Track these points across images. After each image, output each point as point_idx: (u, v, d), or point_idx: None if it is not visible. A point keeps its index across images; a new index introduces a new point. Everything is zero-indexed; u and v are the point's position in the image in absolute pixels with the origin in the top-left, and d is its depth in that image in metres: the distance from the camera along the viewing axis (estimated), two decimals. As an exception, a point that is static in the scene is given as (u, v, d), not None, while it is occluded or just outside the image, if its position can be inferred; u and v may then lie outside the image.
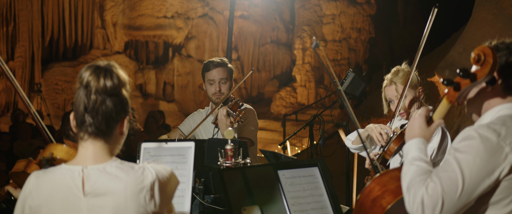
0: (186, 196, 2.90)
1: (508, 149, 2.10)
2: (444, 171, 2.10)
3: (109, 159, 2.20)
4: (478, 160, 2.08)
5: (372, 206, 2.29)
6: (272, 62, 19.84)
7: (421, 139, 2.29)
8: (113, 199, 2.11)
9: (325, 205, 2.97)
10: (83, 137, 2.20)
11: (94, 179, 2.13)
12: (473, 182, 2.07)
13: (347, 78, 5.25)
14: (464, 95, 2.25)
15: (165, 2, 17.86)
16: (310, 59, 17.47)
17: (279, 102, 17.70)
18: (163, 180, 2.20)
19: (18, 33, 16.97)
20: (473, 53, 2.18)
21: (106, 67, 2.18)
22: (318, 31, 17.63)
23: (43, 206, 2.13)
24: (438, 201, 2.04)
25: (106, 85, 2.15)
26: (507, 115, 2.23)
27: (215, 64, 4.34)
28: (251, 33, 19.50)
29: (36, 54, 17.14)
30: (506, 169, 2.10)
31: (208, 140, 3.46)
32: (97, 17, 18.00)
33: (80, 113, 2.17)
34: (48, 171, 2.20)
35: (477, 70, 2.17)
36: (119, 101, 2.20)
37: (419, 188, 2.09)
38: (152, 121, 10.14)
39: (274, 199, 2.85)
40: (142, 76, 18.36)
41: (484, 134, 2.12)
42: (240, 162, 3.04)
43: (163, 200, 2.19)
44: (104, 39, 18.27)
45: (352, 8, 17.11)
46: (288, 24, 19.98)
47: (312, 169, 3.04)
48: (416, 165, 2.20)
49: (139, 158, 3.03)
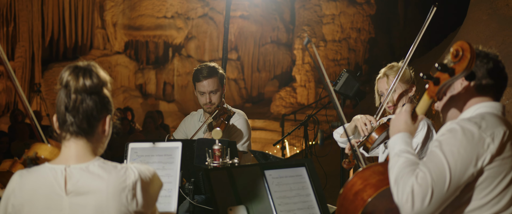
0: (173, 196, 2.91)
1: (489, 140, 2.18)
2: (431, 162, 2.16)
3: (92, 158, 2.22)
4: (462, 151, 2.15)
5: (354, 200, 2.34)
6: (272, 62, 19.85)
7: (406, 133, 2.35)
8: (95, 198, 2.12)
9: (312, 205, 2.97)
10: (65, 136, 2.21)
11: (76, 178, 2.15)
12: (459, 172, 2.14)
13: (341, 78, 5.27)
14: (444, 90, 2.32)
15: (165, 2, 17.88)
16: (310, 60, 17.47)
17: (279, 102, 17.71)
18: (146, 180, 2.21)
19: (18, 33, 17.00)
20: (452, 49, 2.24)
21: (86, 67, 2.20)
22: (318, 31, 17.63)
23: (26, 205, 2.15)
24: (428, 190, 2.09)
25: (85, 84, 2.16)
26: (485, 112, 2.31)
27: (205, 75, 4.23)
28: (251, 33, 19.51)
29: (36, 54, 17.17)
30: (487, 158, 2.18)
31: (197, 140, 3.47)
32: (97, 17, 18.02)
33: (61, 113, 2.19)
34: (32, 170, 2.22)
35: (455, 65, 2.23)
36: (99, 100, 2.22)
37: (409, 178, 2.14)
38: (150, 121, 10.19)
39: (260, 199, 2.85)
40: (142, 77, 18.39)
41: (466, 126, 2.19)
42: (227, 162, 3.05)
43: (146, 200, 2.19)
44: (104, 39, 18.30)
45: (352, 8, 17.11)
46: (288, 24, 19.99)
47: (299, 169, 3.04)
48: (404, 157, 2.25)
49: (126, 158, 3.04)
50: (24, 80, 17.10)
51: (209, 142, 3.18)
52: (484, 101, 2.35)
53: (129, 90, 17.98)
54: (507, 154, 2.21)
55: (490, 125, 2.22)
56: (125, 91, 17.89)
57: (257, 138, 15.44)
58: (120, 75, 18.12)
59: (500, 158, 2.19)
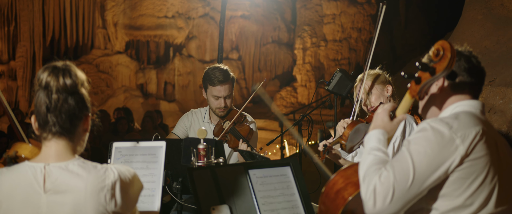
0: (157, 195, 2.91)
1: (458, 141, 2.17)
2: (397, 161, 2.17)
3: (72, 158, 2.23)
4: (429, 151, 2.16)
5: (335, 198, 2.36)
6: (273, 62, 19.84)
7: (381, 130, 2.37)
8: (73, 196, 2.13)
9: (296, 205, 2.97)
10: (47, 137, 2.23)
11: (55, 176, 2.16)
12: (424, 172, 2.15)
13: (334, 78, 5.27)
14: (425, 89, 2.32)
15: (166, 2, 17.89)
16: (310, 59, 17.48)
17: (279, 102, 17.71)
18: (125, 181, 2.21)
19: (19, 33, 17.04)
20: (433, 48, 2.25)
21: (64, 67, 2.21)
22: (318, 31, 17.63)
23: (3, 202, 2.16)
24: (389, 189, 2.11)
25: (66, 83, 2.17)
26: (462, 111, 2.31)
27: (221, 80, 4.21)
28: (252, 33, 19.50)
29: (37, 54, 17.21)
30: (456, 160, 2.17)
31: (184, 140, 3.47)
32: (98, 17, 18.05)
33: (42, 114, 2.20)
34: (11, 168, 2.23)
35: (436, 64, 2.25)
36: (80, 99, 2.23)
37: (373, 177, 2.16)
38: (149, 120, 10.22)
39: (244, 199, 2.85)
40: (143, 76, 18.40)
41: (435, 126, 2.20)
42: (212, 162, 3.05)
43: (125, 201, 2.20)
44: (105, 39, 18.32)
45: (352, 8, 17.10)
46: (289, 24, 19.98)
47: (284, 168, 3.04)
48: (373, 155, 2.27)
49: (110, 157, 3.05)
50: (25, 80, 17.14)
51: (196, 141, 3.18)
52: (462, 100, 2.35)
53: (130, 90, 18.00)
54: (478, 155, 2.20)
55: (462, 125, 2.21)
56: (126, 91, 17.91)
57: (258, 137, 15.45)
58: (121, 75, 18.13)
59: (470, 159, 2.19)
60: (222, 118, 4.29)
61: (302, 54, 17.61)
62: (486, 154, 2.21)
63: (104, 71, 18.11)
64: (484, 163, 2.21)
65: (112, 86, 18.09)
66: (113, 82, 18.12)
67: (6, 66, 16.96)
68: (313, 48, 17.53)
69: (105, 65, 18.12)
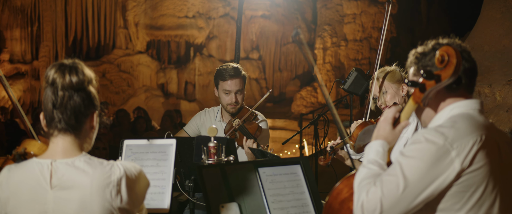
0: (166, 192, 2.93)
1: (454, 154, 2.08)
2: (388, 175, 2.10)
3: (79, 154, 2.25)
4: (421, 165, 2.07)
5: (340, 209, 2.30)
6: (294, 62, 19.80)
7: (382, 141, 2.29)
8: (79, 192, 2.15)
9: (306, 203, 2.96)
10: (53, 133, 2.25)
11: (61, 172, 2.18)
12: (416, 187, 2.06)
13: (350, 77, 5.26)
14: (430, 96, 2.22)
15: (187, 2, 17.96)
16: (331, 59, 17.41)
17: (299, 102, 17.66)
18: (131, 177, 2.23)
19: (42, 33, 17.24)
20: (437, 53, 2.17)
21: (71, 64, 2.23)
22: (339, 30, 17.55)
23: (11, 197, 2.19)
24: (376, 205, 2.05)
25: (72, 81, 2.19)
26: (459, 114, 2.21)
27: (232, 74, 4.26)
28: (272, 33, 19.49)
29: (59, 54, 17.39)
30: (451, 175, 2.07)
31: (196, 138, 3.48)
32: (120, 17, 18.18)
33: (48, 111, 2.22)
34: (20, 164, 2.26)
35: (441, 71, 2.16)
36: (86, 96, 2.25)
37: (362, 192, 2.10)
38: (167, 119, 10.32)
39: (253, 197, 2.85)
40: (163, 76, 18.49)
41: (430, 138, 2.10)
42: (222, 160, 3.05)
43: (131, 197, 2.21)
44: (126, 39, 18.45)
45: (373, 8, 16.99)
46: (310, 24, 19.92)
47: (294, 166, 3.04)
48: (368, 168, 2.20)
49: (121, 154, 3.07)
50: (48, 80, 17.31)
51: (208, 139, 3.19)
52: (457, 101, 2.25)
53: (150, 90, 18.10)
54: (477, 166, 2.10)
55: (459, 134, 2.11)
56: (147, 91, 18.02)
57: (277, 137, 15.41)
58: (142, 74, 18.25)
59: (468, 172, 2.09)
60: (233, 115, 4.29)
61: (323, 54, 17.55)
62: (486, 163, 2.11)
63: (126, 71, 18.24)
64: (483, 173, 2.11)
65: (133, 86, 18.21)
66: (134, 82, 18.24)
67: (29, 66, 17.17)
68: (334, 48, 17.46)
69: (126, 65, 18.25)
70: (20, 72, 17.01)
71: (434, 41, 2.32)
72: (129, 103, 17.23)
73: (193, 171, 3.49)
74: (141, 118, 9.83)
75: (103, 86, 17.81)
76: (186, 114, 15.47)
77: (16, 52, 16.85)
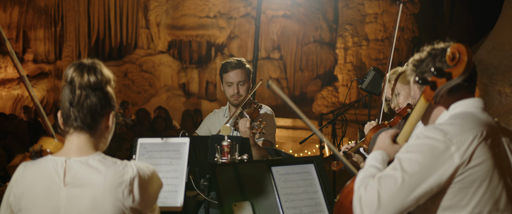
0: (180, 191, 2.95)
1: (454, 148, 2.09)
2: (386, 170, 2.14)
3: (93, 153, 2.28)
4: (420, 158, 2.08)
5: (350, 207, 2.30)
6: (315, 62, 19.72)
7: (381, 151, 2.33)
8: (91, 191, 2.18)
9: (319, 202, 2.96)
10: (69, 131, 2.29)
11: (75, 170, 2.21)
12: (414, 180, 2.07)
13: (367, 76, 5.23)
14: (441, 94, 2.22)
15: (208, 2, 18.01)
16: (352, 59, 17.31)
17: (320, 101, 17.60)
18: (144, 178, 2.25)
19: (65, 33, 17.43)
20: (448, 51, 2.17)
21: (90, 64, 2.26)
22: (360, 30, 17.44)
23: (25, 194, 2.23)
24: (373, 197, 2.07)
25: (90, 80, 2.23)
26: (460, 113, 2.22)
27: (233, 66, 4.33)
28: (293, 32, 19.45)
29: (82, 53, 17.56)
30: (450, 169, 2.08)
31: (211, 137, 3.50)
32: (142, 17, 18.30)
33: (65, 109, 2.26)
34: (35, 161, 2.30)
35: (452, 69, 2.16)
36: (103, 96, 2.28)
37: (360, 187, 2.14)
38: (188, 118, 10.44)
39: (266, 195, 2.86)
40: (185, 76, 18.57)
41: (429, 135, 2.13)
42: (236, 158, 3.06)
43: (143, 198, 2.23)
44: (148, 39, 18.56)
45: (395, 7, 16.80)
46: (331, 24, 19.85)
47: (308, 166, 3.04)
48: (366, 170, 2.24)
49: (135, 153, 3.10)
50: (71, 79, 17.47)
51: (221, 138, 3.21)
52: (459, 100, 2.26)
53: (172, 90, 18.19)
54: (479, 161, 2.11)
55: (458, 130, 2.12)
56: (168, 90, 18.11)
57: (298, 137, 15.38)
58: (164, 74, 18.34)
59: (470, 167, 2.10)
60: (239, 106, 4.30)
61: (344, 54, 17.46)
62: (489, 158, 2.12)
63: (147, 71, 18.35)
64: (487, 168, 2.11)
65: (155, 86, 18.32)
66: (156, 82, 18.35)
67: (53, 65, 17.37)
68: (355, 47, 17.36)
69: (148, 64, 18.36)
70: (44, 72, 17.21)
71: (430, 46, 2.35)
72: (151, 103, 17.34)
73: (208, 170, 3.51)
74: (160, 117, 9.91)
75: (125, 86, 17.95)
76: (207, 113, 15.40)
77: (40, 52, 17.06)
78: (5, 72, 15.54)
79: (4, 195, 2.33)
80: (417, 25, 17.26)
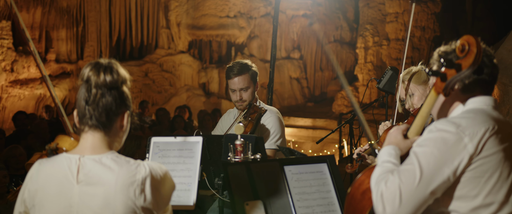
0: (192, 189, 2.97)
1: (467, 139, 2.12)
2: (404, 165, 2.16)
3: (107, 151, 2.30)
4: (435, 151, 2.11)
5: (361, 199, 2.33)
6: (335, 62, 19.64)
7: (393, 146, 2.34)
8: (103, 189, 2.20)
9: (332, 202, 2.96)
10: (84, 129, 2.32)
11: (88, 168, 2.24)
12: (431, 172, 2.10)
13: (385, 76, 5.21)
14: (452, 86, 2.24)
15: (228, 2, 18.05)
16: (372, 58, 17.21)
17: (340, 101, 17.53)
18: (156, 178, 2.26)
19: (87, 33, 17.59)
20: (458, 42, 2.19)
21: (107, 63, 2.30)
22: (381, 30, 17.34)
23: (39, 190, 2.26)
24: (395, 192, 2.09)
25: (105, 79, 2.26)
26: (472, 109, 2.25)
27: (235, 72, 4.28)
28: (314, 32, 19.41)
29: (104, 53, 17.70)
30: (465, 158, 2.12)
31: (225, 136, 3.51)
32: (162, 17, 18.40)
33: (81, 107, 2.30)
34: (50, 158, 2.34)
35: (461, 60, 2.17)
36: (119, 96, 2.31)
37: (380, 183, 2.15)
38: (209, 118, 10.51)
39: (278, 195, 2.86)
40: (205, 75, 18.63)
41: (442, 127, 2.16)
42: (249, 157, 3.07)
43: (155, 198, 2.25)
44: (168, 39, 18.66)
45: (416, 6, 16.65)
46: (352, 23, 19.77)
47: (321, 165, 3.04)
48: (382, 166, 2.25)
49: (148, 151, 3.12)
50: (93, 79, 17.63)
51: (235, 137, 3.22)
52: (472, 97, 2.29)
53: (192, 89, 18.27)
54: (490, 152, 2.14)
55: (470, 123, 2.16)
56: (189, 90, 18.19)
57: (317, 137, 15.33)
58: (184, 74, 18.43)
59: (481, 157, 2.13)
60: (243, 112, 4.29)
61: (364, 54, 17.38)
62: (500, 150, 2.15)
63: (168, 71, 18.45)
64: (497, 159, 2.15)
65: (175, 86, 18.41)
66: (176, 81, 18.43)
67: (74, 65, 17.54)
68: (375, 47, 17.26)
69: (168, 64, 18.46)
70: (66, 72, 17.39)
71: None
72: (171, 102, 17.43)
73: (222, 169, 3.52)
74: (180, 117, 9.97)
75: (145, 86, 18.07)
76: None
77: (62, 52, 17.24)
78: (28, 72, 15.74)
79: (20, 192, 2.37)
80: (438, 24, 17.11)
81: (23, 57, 15.60)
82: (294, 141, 16.18)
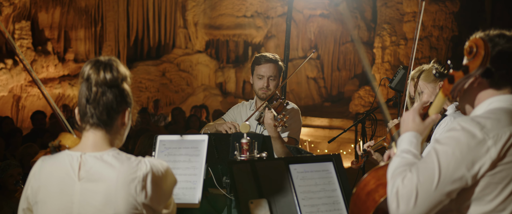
0: (198, 188, 2.97)
1: (490, 143, 2.03)
2: (423, 163, 2.07)
3: (108, 148, 2.31)
4: (457, 152, 2.03)
5: (366, 200, 2.29)
6: (353, 61, 19.60)
7: (413, 132, 2.24)
8: (105, 186, 2.22)
9: (338, 201, 2.94)
10: (85, 127, 2.33)
11: (90, 165, 2.25)
12: (450, 174, 2.03)
13: (397, 75, 5.18)
14: (459, 88, 2.20)
15: (245, 2, 18.08)
16: (389, 58, 17.11)
17: (357, 101, 17.46)
18: (157, 174, 2.27)
19: (105, 33, 17.74)
20: (466, 44, 2.15)
21: (107, 61, 2.30)
22: (398, 29, 17.23)
23: (42, 187, 2.28)
24: (412, 192, 2.02)
25: (106, 77, 2.26)
26: (497, 108, 2.16)
27: (267, 59, 4.36)
28: (331, 32, 19.37)
29: (121, 53, 17.84)
30: (487, 163, 2.03)
31: (232, 135, 3.51)
32: (180, 17, 18.49)
33: (82, 105, 2.31)
34: (53, 156, 2.36)
35: (469, 62, 2.13)
36: (119, 93, 2.31)
37: (397, 179, 2.08)
38: (220, 117, 10.51)
39: (283, 193, 2.86)
40: (222, 75, 18.68)
41: (466, 127, 2.07)
42: (255, 156, 3.07)
43: (156, 194, 2.25)
44: (186, 38, 18.74)
45: (433, 6, 16.58)
46: (369, 23, 19.68)
47: (326, 164, 3.02)
48: (402, 157, 2.17)
49: (155, 150, 3.14)
50: (111, 78, 17.77)
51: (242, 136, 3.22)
52: (497, 95, 2.20)
53: (209, 89, 18.32)
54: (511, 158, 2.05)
55: (496, 125, 2.07)
56: (206, 90, 18.25)
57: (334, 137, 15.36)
58: (201, 73, 18.50)
59: (503, 163, 2.05)
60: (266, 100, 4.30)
61: (381, 53, 17.28)
62: None
63: (185, 70, 18.53)
64: None
65: (192, 85, 18.48)
66: (193, 81, 18.50)
67: (93, 65, 17.68)
68: (393, 47, 17.15)
69: (185, 64, 18.54)
70: (84, 71, 17.55)
71: None
72: (188, 102, 17.51)
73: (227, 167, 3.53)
74: (195, 116, 10.00)
75: (163, 85, 18.16)
76: (244, 113, 15.52)
77: (81, 51, 17.39)
78: (47, 72, 15.90)
79: (23, 190, 2.39)
80: (456, 24, 16.95)
81: (42, 57, 15.77)
82: (310, 140, 16.15)
